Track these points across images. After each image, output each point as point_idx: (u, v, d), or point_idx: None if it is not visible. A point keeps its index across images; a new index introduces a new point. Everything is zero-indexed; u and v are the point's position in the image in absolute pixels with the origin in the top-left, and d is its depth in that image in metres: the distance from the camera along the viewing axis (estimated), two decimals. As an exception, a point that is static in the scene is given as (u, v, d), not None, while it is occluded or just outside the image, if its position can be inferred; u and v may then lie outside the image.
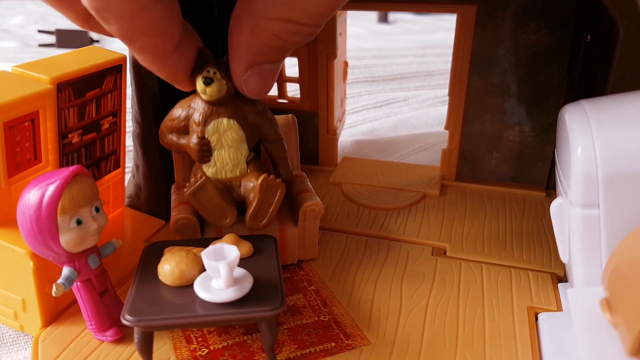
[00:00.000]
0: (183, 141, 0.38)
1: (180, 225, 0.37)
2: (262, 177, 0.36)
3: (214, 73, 0.34)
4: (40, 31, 1.22)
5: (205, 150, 0.37)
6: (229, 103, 0.37)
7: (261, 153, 0.43)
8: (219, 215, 0.37)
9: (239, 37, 0.29)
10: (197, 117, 0.37)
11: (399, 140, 0.69)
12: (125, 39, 0.27)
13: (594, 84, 0.43)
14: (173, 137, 0.38)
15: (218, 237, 0.36)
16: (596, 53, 0.42)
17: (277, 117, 0.42)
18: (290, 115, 0.44)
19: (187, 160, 0.43)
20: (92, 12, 0.25)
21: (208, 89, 0.34)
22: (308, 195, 0.40)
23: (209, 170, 0.38)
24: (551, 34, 0.47)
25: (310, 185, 0.42)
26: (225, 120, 0.37)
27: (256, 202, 0.37)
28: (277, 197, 0.37)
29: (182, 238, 0.38)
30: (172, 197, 0.40)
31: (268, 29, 0.27)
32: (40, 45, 1.16)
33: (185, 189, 0.37)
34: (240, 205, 0.39)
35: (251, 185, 0.38)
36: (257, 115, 0.38)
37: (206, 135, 0.37)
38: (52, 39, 1.17)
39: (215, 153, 0.37)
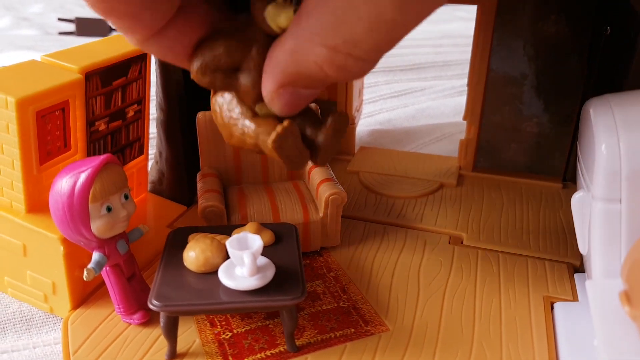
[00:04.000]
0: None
1: (208, 212, 0.38)
2: (332, 115, 0.30)
3: None
4: (60, 19, 1.23)
5: None
6: None
7: None
8: (302, 162, 0.33)
9: (279, 53, 0.24)
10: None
11: (416, 130, 0.69)
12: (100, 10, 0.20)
13: (613, 76, 0.43)
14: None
15: (241, 225, 0.37)
16: (616, 45, 0.43)
17: None
18: (312, 104, 0.45)
19: (212, 148, 0.43)
20: None
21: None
22: (331, 184, 0.41)
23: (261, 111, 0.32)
24: (571, 26, 0.47)
25: (332, 174, 0.43)
26: None
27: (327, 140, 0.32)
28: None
29: (209, 225, 0.39)
30: (199, 185, 0.41)
31: (310, 55, 0.23)
32: (60, 33, 1.17)
33: (269, 138, 0.29)
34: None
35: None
36: None
37: None
38: (71, 27, 1.18)
39: None
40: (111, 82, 0.39)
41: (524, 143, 0.52)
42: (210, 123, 0.42)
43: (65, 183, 0.30)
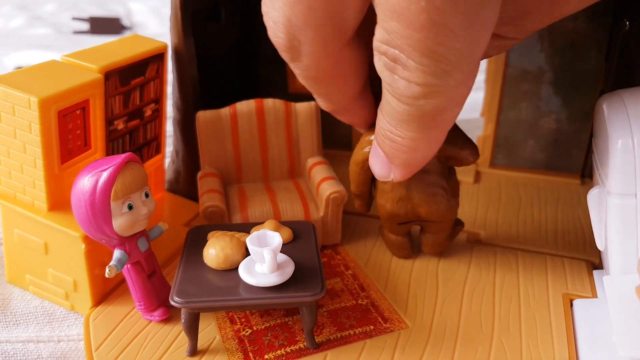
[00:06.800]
0: None
1: (209, 212, 0.39)
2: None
3: None
4: (74, 18, 1.24)
5: None
6: None
7: None
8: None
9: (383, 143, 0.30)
10: None
11: (430, 126, 0.69)
12: (309, 79, 0.28)
13: (632, 71, 0.43)
14: None
15: (259, 223, 0.37)
16: (635, 40, 0.42)
17: (299, 104, 0.43)
18: (312, 103, 0.44)
19: (213, 147, 0.43)
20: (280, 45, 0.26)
21: None
22: (331, 182, 0.41)
23: None
24: (589, 21, 0.47)
25: (333, 172, 0.42)
26: None
27: None
28: None
29: (210, 224, 0.39)
30: (199, 185, 0.41)
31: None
32: (75, 33, 1.18)
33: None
34: None
35: None
36: None
37: None
38: (85, 25, 1.19)
39: None
40: (129, 81, 0.39)
41: (542, 139, 0.52)
42: (209, 122, 0.42)
43: (87, 181, 0.30)
